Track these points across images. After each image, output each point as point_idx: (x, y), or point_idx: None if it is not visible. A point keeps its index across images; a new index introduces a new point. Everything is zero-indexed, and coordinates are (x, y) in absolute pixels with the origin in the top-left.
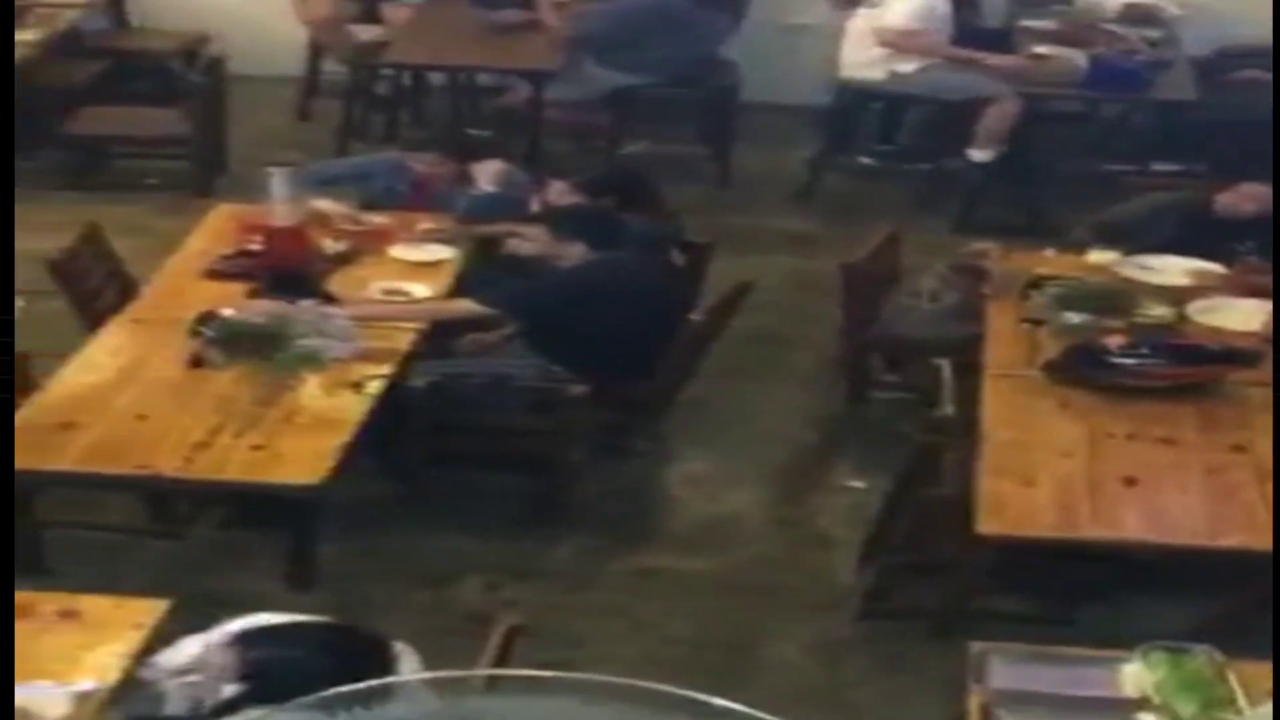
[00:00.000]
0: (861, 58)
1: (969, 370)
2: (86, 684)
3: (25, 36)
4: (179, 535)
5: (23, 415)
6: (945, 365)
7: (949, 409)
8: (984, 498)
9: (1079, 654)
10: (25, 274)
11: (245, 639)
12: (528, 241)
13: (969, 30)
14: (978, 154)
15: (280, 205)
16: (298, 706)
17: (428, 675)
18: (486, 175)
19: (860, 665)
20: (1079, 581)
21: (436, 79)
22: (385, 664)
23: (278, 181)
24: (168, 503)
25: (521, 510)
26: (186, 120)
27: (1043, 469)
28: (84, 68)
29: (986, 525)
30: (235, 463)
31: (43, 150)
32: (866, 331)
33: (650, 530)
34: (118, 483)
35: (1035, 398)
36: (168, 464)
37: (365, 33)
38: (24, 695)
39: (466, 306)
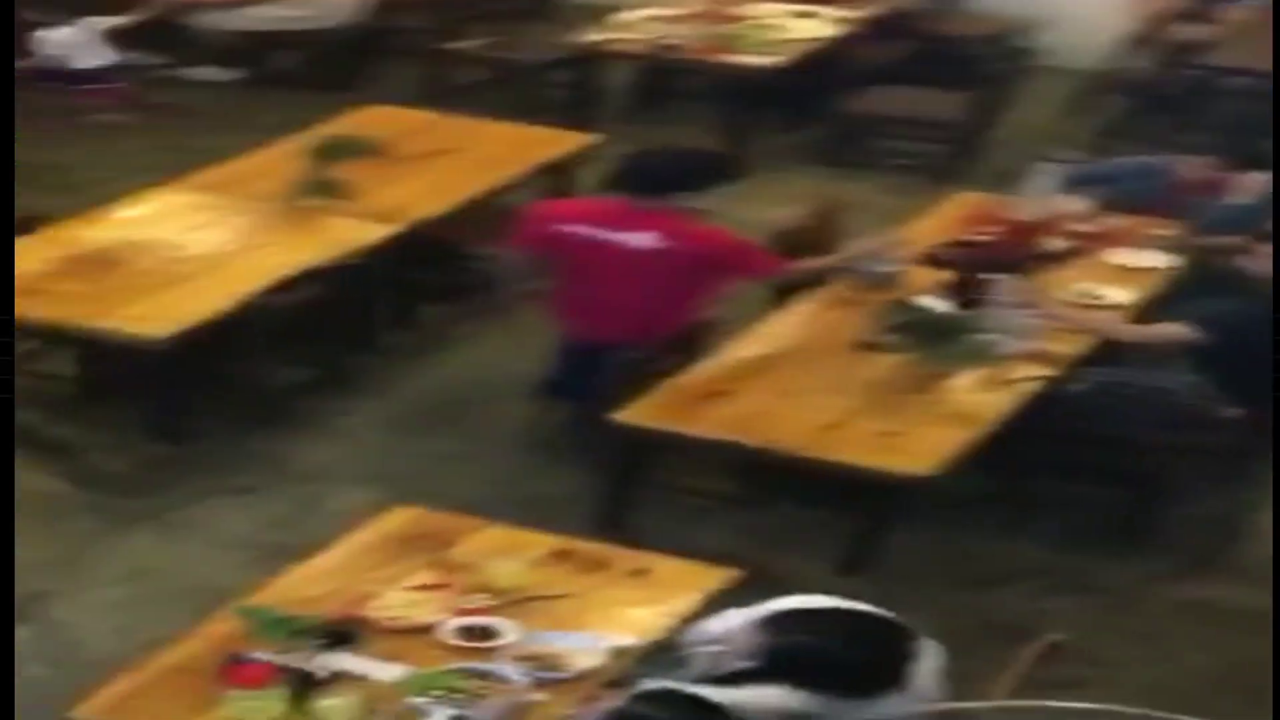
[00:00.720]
0: None
1: None
2: (625, 640)
3: (843, 14)
4: (762, 506)
5: (679, 380)
6: None
7: None
8: None
9: None
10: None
11: (776, 622)
12: (1260, 259)
13: None
14: None
15: (1033, 200)
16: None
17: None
18: (1247, 186)
19: None
20: None
21: (1236, 83)
22: (904, 659)
23: (1042, 178)
24: (761, 473)
25: (1097, 525)
26: (966, 106)
27: None
28: (892, 49)
29: None
30: (858, 445)
31: (808, 127)
32: None
33: (1219, 561)
34: (734, 452)
35: None
36: (792, 440)
37: (1186, 32)
38: (560, 644)
39: (1169, 331)
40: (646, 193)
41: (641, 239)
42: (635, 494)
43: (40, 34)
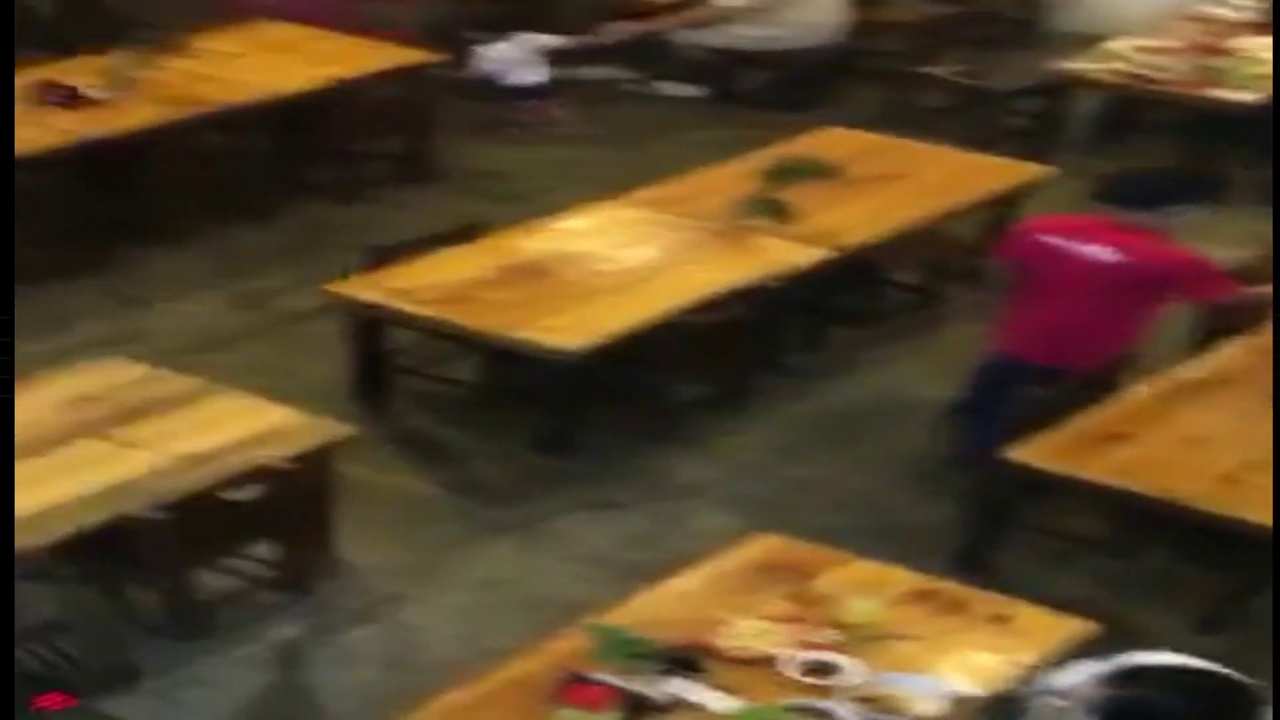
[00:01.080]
0: None
1: None
2: (970, 687)
3: None
4: (1131, 555)
5: (1080, 420)
6: None
7: None
8: None
9: None
10: None
11: (1122, 677)
12: None
13: None
14: None
15: None
16: None
17: None
18: None
19: None
20: None
21: None
22: None
23: None
24: (1137, 519)
25: None
26: None
27: None
28: None
29: None
30: (1254, 501)
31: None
32: None
33: None
34: (1123, 499)
35: None
36: (1185, 490)
37: None
38: (901, 686)
39: None
40: (1128, 205)
41: (1101, 252)
42: (1003, 533)
43: (480, 49)
